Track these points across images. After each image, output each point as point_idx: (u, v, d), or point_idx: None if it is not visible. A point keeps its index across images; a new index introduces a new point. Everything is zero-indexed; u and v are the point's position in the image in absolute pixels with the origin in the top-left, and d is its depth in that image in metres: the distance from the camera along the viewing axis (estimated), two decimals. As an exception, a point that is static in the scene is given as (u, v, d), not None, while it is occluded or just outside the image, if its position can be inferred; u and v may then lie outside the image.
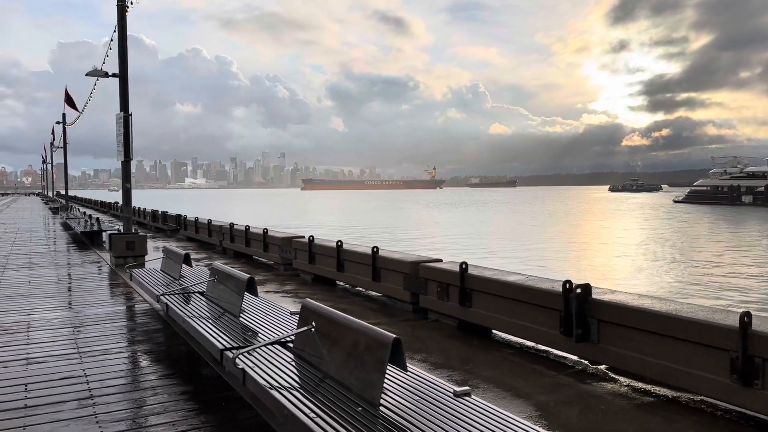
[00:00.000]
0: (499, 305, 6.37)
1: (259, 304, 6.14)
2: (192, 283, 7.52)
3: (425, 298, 7.62)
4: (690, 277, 21.43)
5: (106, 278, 11.46)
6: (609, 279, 20.89)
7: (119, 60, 13.09)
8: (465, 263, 6.86)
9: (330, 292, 9.90)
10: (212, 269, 6.66)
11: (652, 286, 18.93)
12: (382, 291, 8.80)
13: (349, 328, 3.69)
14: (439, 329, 7.15)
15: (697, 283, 19.80)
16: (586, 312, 5.26)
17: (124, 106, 12.95)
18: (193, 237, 19.48)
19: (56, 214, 36.12)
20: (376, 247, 8.82)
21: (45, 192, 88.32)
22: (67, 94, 36.93)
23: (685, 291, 18.34)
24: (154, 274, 8.50)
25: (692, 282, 20.10)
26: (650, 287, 18.68)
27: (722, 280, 20.68)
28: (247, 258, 14.82)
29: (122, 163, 12.98)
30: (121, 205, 33.94)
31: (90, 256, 15.13)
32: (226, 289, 6.08)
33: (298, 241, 11.64)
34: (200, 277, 7.88)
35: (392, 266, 8.36)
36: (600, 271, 23.36)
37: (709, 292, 18.43)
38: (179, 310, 5.98)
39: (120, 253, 12.73)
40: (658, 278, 21.32)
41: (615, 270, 23.78)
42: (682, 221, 55.51)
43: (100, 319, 7.87)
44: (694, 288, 18.97)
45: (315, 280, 11.06)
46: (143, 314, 8.16)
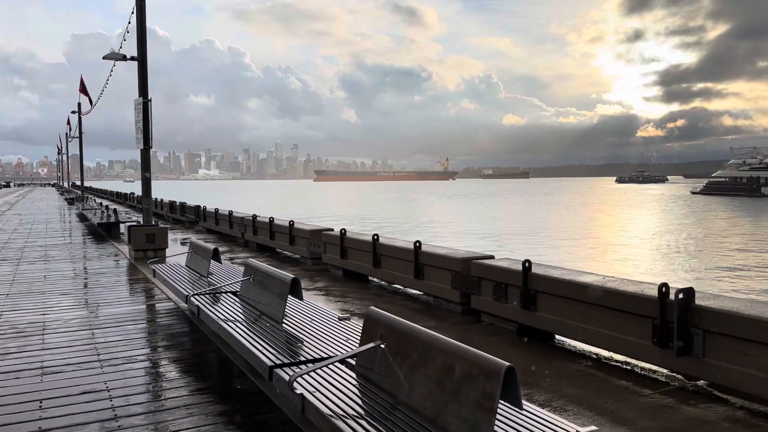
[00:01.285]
0: (570, 310, 5.62)
1: (300, 307, 5.44)
2: (222, 281, 6.84)
3: (478, 299, 6.88)
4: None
5: (126, 273, 10.84)
6: (665, 276, 20.01)
7: (138, 42, 12.42)
8: (528, 261, 6.11)
9: (365, 290, 9.18)
10: (247, 267, 5.96)
11: (723, 285, 17.99)
12: (425, 290, 8.07)
13: (438, 348, 2.96)
14: (496, 334, 6.41)
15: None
16: (689, 321, 4.49)
17: (142, 91, 12.29)
18: (212, 229, 18.85)
19: (72, 204, 35.75)
20: (419, 242, 8.08)
21: (60, 183, 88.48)
22: (83, 83, 36.48)
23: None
24: (178, 271, 7.83)
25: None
26: (722, 286, 17.74)
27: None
28: (271, 251, 14.15)
29: (141, 151, 12.33)
30: (138, 196, 33.48)
31: (107, 248, 14.54)
32: (264, 291, 5.37)
33: (328, 235, 10.93)
34: (231, 274, 7.19)
35: (438, 263, 7.62)
36: (648, 267, 22.46)
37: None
38: (213, 313, 5.29)
39: (140, 246, 12.10)
40: (735, 277, 20.42)
41: (661, 265, 22.89)
42: (720, 215, 54.28)
43: (122, 319, 7.21)
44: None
45: (346, 276, 10.36)
46: (168, 314, 7.49)
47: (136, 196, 35.51)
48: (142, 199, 12.54)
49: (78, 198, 36.02)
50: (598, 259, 24.06)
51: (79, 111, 36.13)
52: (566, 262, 21.48)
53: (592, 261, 23.40)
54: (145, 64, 12.40)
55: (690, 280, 19.00)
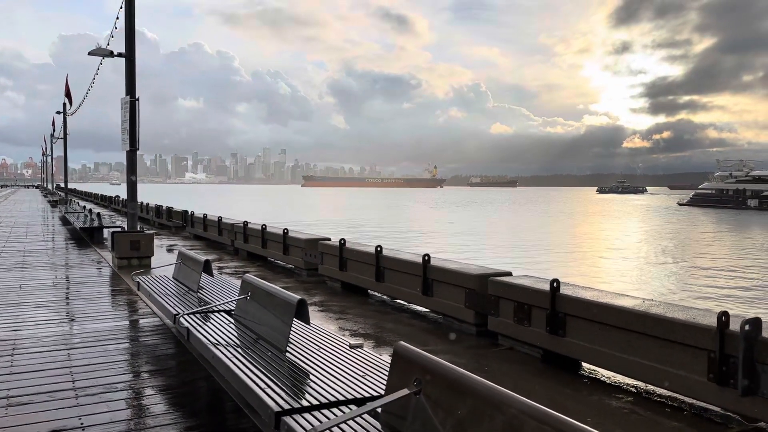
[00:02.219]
0: (606, 336, 5.04)
1: (304, 331, 4.81)
2: (215, 297, 6.19)
3: (496, 321, 6.29)
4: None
5: (108, 283, 10.13)
6: (666, 292, 19.58)
7: (126, 39, 11.74)
8: (556, 281, 5.53)
9: (367, 306, 8.55)
10: (244, 283, 5.32)
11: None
12: (434, 307, 7.46)
13: (498, 403, 2.36)
14: (518, 361, 5.82)
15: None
16: (756, 356, 3.92)
17: (130, 89, 11.60)
18: (200, 235, 18.12)
19: (55, 207, 34.78)
20: (428, 255, 7.48)
21: (44, 184, 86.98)
22: (67, 86, 35.65)
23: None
24: (165, 284, 7.17)
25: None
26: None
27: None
28: (263, 260, 13.48)
29: (127, 153, 11.63)
30: (124, 200, 32.57)
31: (90, 255, 13.79)
32: (264, 312, 4.74)
33: (326, 244, 10.30)
34: (224, 289, 6.55)
35: (450, 279, 7.02)
36: (647, 281, 22.04)
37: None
38: (205, 337, 4.65)
39: (124, 253, 11.39)
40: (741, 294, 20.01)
41: (661, 282, 22.47)
42: (716, 228, 54.31)
43: (102, 337, 6.54)
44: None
45: (345, 289, 9.73)
46: (153, 332, 6.82)
47: (122, 199, 34.61)
48: (128, 203, 11.83)
49: (61, 201, 35.06)
50: (612, 275, 23.61)
51: (64, 111, 35.24)
52: (570, 276, 21.01)
53: (605, 277, 22.94)
54: (133, 62, 11.73)
55: (717, 299, 18.56)
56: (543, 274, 7.01)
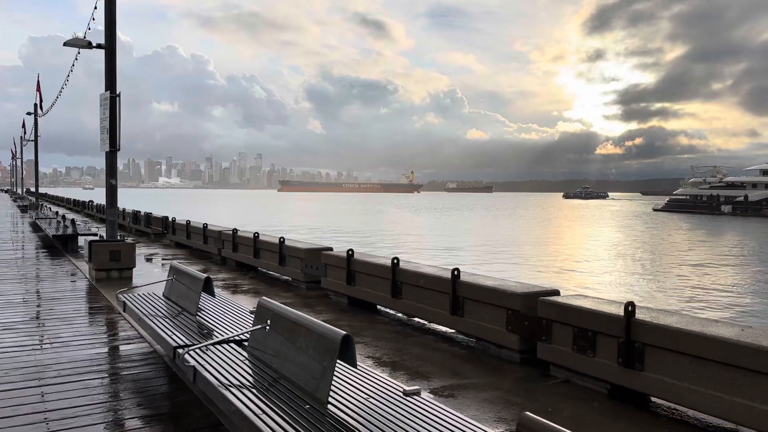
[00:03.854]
0: (701, 373, 4.20)
1: (347, 374, 3.86)
2: (219, 323, 5.21)
3: (548, 348, 5.42)
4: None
5: (86, 299, 9.04)
6: (649, 297, 18.98)
7: (106, 28, 10.68)
8: (631, 303, 4.68)
9: (382, 325, 7.62)
10: (262, 309, 4.36)
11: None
12: (465, 329, 6.57)
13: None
14: (581, 398, 4.95)
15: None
16: None
17: (110, 84, 10.55)
18: (183, 243, 16.99)
19: (25, 212, 33.14)
20: (457, 270, 6.60)
21: (14, 189, 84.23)
22: (39, 84, 34.06)
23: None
24: (155, 304, 6.16)
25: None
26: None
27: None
28: (254, 271, 12.46)
29: (107, 154, 10.56)
30: (98, 205, 30.93)
31: (63, 265, 12.62)
32: (293, 349, 3.79)
33: (330, 255, 9.35)
34: (230, 313, 5.57)
35: (486, 297, 6.14)
36: (632, 287, 21.45)
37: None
38: (216, 378, 3.70)
39: (102, 265, 10.30)
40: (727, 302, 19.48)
41: (641, 287, 21.92)
42: (709, 235, 54.49)
43: (82, 369, 5.51)
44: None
45: (352, 305, 8.80)
46: (142, 361, 5.81)
47: (96, 204, 33.12)
48: (107, 209, 10.74)
49: (32, 205, 33.44)
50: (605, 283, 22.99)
51: (36, 112, 33.66)
52: (556, 282, 20.35)
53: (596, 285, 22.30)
54: (114, 54, 10.67)
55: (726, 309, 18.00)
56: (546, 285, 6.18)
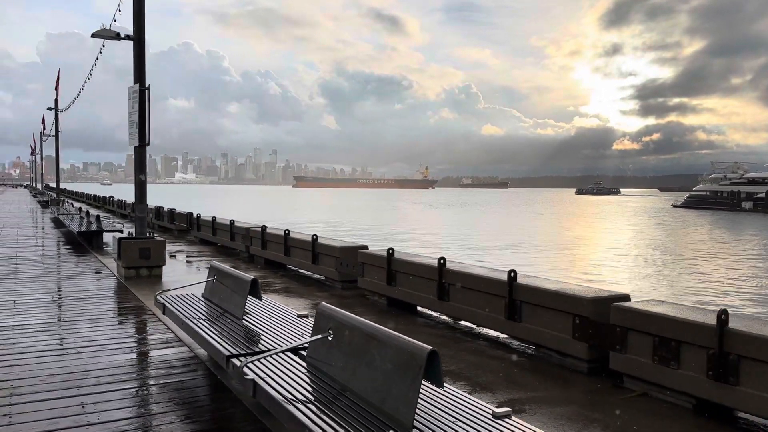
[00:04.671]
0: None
1: (432, 395, 3.47)
2: (268, 329, 4.87)
3: (622, 358, 5.00)
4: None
5: (116, 298, 8.76)
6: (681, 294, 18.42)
7: (134, 19, 10.39)
8: (725, 311, 4.26)
9: (428, 329, 7.23)
10: (322, 316, 4.00)
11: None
12: (523, 336, 6.17)
13: None
14: (662, 414, 4.53)
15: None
16: None
17: (139, 76, 10.25)
18: (208, 240, 16.73)
19: (46, 208, 33.18)
20: (514, 271, 6.19)
21: (33, 184, 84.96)
22: (58, 80, 34.10)
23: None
24: (197, 306, 5.83)
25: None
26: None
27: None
28: (283, 269, 12.14)
29: (136, 149, 10.28)
30: (119, 201, 30.83)
31: (90, 263, 12.39)
32: (363, 363, 3.42)
33: (368, 254, 8.98)
34: (279, 318, 5.22)
35: (549, 302, 5.73)
36: (664, 284, 20.86)
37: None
38: (280, 393, 3.34)
39: (132, 263, 10.02)
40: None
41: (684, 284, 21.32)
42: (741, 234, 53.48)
43: (121, 376, 5.20)
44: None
45: (392, 306, 8.43)
46: (184, 367, 5.48)
47: (117, 200, 33.10)
48: (136, 205, 10.46)
49: (53, 201, 33.48)
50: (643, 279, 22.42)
51: (56, 108, 33.69)
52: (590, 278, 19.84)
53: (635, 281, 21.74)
54: (143, 45, 10.38)
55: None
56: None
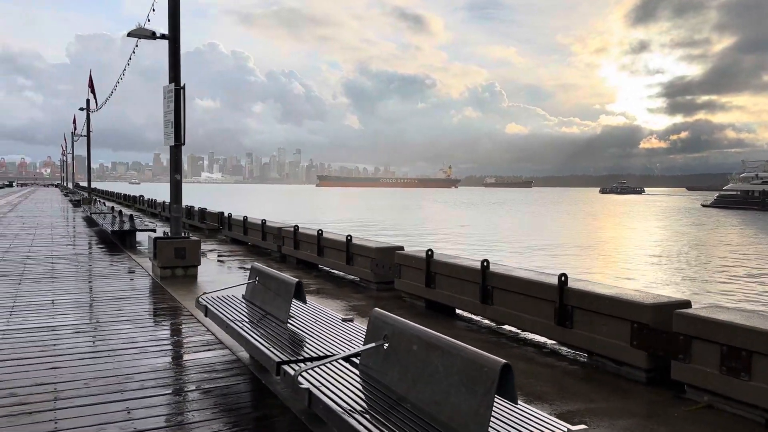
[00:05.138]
0: None
1: (504, 411, 3.28)
2: (315, 334, 4.72)
3: (685, 368, 4.75)
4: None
5: (153, 298, 8.73)
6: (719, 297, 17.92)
7: (169, 18, 10.37)
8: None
9: (470, 333, 7.04)
10: (377, 320, 3.84)
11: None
12: (575, 342, 5.93)
13: None
14: (733, 428, 4.28)
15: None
16: None
17: (174, 75, 10.22)
18: (239, 239, 16.73)
19: (77, 207, 33.67)
20: (564, 275, 5.97)
21: (64, 183, 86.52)
22: (92, 79, 34.54)
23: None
24: (238, 308, 5.72)
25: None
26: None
27: None
28: (316, 269, 12.04)
29: (171, 148, 10.25)
30: (149, 200, 31.16)
31: (124, 262, 12.43)
32: (426, 374, 3.25)
33: (405, 255, 8.81)
34: (325, 322, 5.08)
35: (604, 307, 5.50)
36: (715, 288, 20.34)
37: None
38: (337, 404, 3.19)
39: (167, 262, 10.00)
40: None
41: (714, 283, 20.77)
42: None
43: (164, 380, 5.10)
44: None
45: (430, 308, 8.25)
46: (227, 371, 5.37)
47: (147, 199, 33.45)
48: (171, 205, 10.45)
49: (85, 200, 33.96)
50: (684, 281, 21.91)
51: (88, 108, 34.17)
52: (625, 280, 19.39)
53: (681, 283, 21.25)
54: (178, 44, 10.35)
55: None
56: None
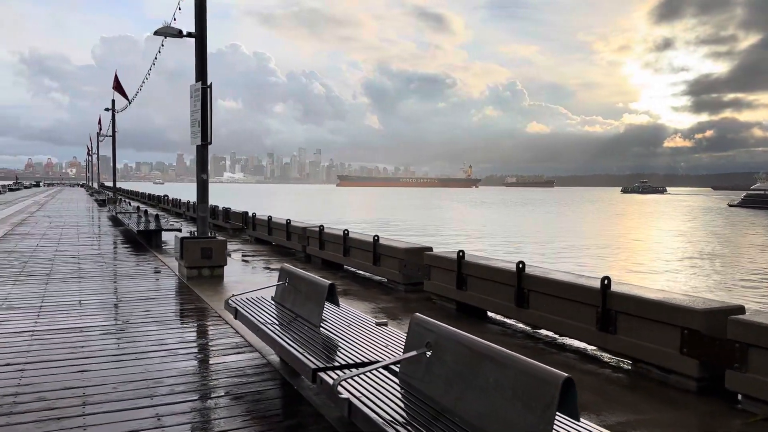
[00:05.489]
0: None
1: (565, 428, 3.04)
2: (349, 339, 4.54)
3: (741, 378, 4.47)
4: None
5: (179, 299, 8.64)
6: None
7: (196, 16, 10.28)
8: None
9: (505, 338, 6.80)
10: (418, 326, 3.63)
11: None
12: (617, 349, 5.65)
13: None
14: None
15: None
16: None
17: (201, 74, 10.13)
18: (263, 239, 16.66)
19: (103, 206, 34.00)
20: (608, 278, 5.71)
21: (90, 183, 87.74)
22: (117, 80, 34.86)
23: None
24: (268, 311, 5.57)
25: None
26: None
27: None
28: (341, 269, 11.88)
29: (198, 147, 10.15)
30: (173, 199, 31.32)
31: (150, 261, 12.40)
32: (477, 387, 3.05)
33: (435, 256, 8.60)
34: (360, 327, 4.89)
35: (650, 312, 5.22)
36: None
37: None
38: (381, 417, 3.00)
39: (194, 262, 9.91)
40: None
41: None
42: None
43: (194, 384, 4.95)
44: None
45: (461, 311, 8.03)
46: (257, 375, 5.21)
47: (171, 198, 33.66)
48: (198, 205, 10.35)
49: (110, 200, 34.28)
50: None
51: (113, 108, 34.47)
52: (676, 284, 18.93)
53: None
54: (204, 42, 10.25)
55: None
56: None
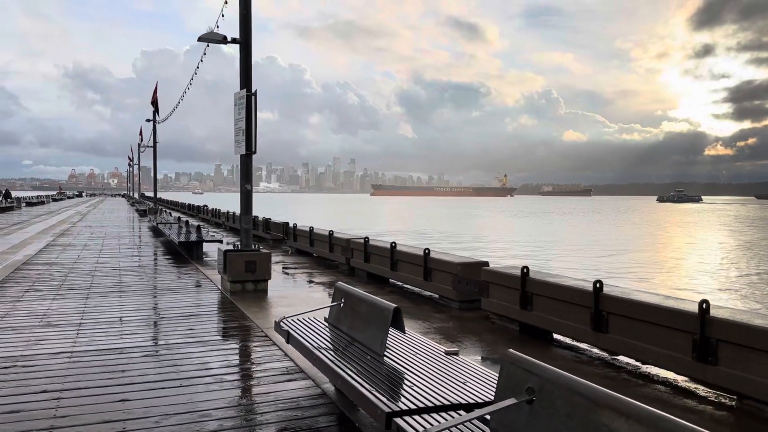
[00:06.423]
0: None
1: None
2: (420, 373, 3.97)
3: None
4: None
5: (223, 315, 8.22)
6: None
7: (240, 22, 9.94)
8: None
9: (585, 367, 6.15)
10: (513, 367, 3.05)
11: None
12: (719, 382, 4.95)
13: None
14: None
15: None
16: None
17: (245, 81, 9.77)
18: (305, 250, 16.26)
19: (143, 217, 34.25)
20: (706, 302, 5.03)
21: (131, 193, 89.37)
22: (155, 93, 35.19)
23: None
24: (322, 335, 5.05)
25: None
26: None
27: None
28: (387, 283, 11.34)
29: (242, 157, 9.78)
30: (213, 209, 31.27)
31: (192, 275, 12.08)
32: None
33: (495, 272, 7.98)
34: (419, 353, 4.33)
35: (758, 341, 4.55)
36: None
37: None
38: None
39: (237, 276, 9.51)
40: None
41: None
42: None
43: (248, 418, 4.46)
44: None
45: (524, 332, 7.40)
46: (313, 408, 4.70)
47: (211, 209, 33.72)
48: (242, 216, 9.96)
49: (151, 210, 34.51)
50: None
51: (154, 119, 34.78)
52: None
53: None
54: (249, 49, 9.90)
55: None
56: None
